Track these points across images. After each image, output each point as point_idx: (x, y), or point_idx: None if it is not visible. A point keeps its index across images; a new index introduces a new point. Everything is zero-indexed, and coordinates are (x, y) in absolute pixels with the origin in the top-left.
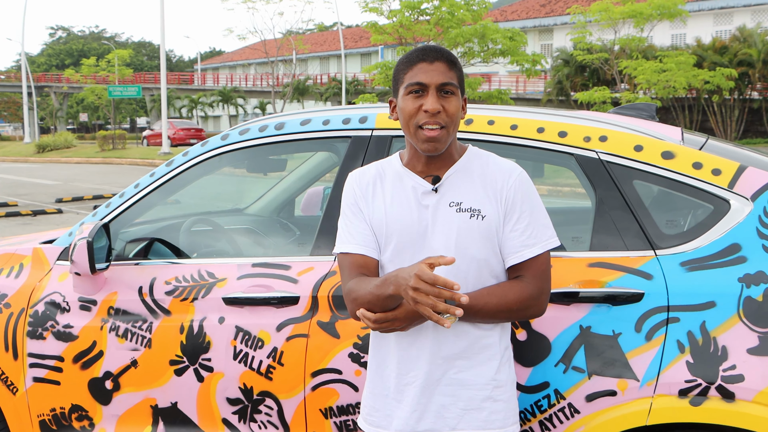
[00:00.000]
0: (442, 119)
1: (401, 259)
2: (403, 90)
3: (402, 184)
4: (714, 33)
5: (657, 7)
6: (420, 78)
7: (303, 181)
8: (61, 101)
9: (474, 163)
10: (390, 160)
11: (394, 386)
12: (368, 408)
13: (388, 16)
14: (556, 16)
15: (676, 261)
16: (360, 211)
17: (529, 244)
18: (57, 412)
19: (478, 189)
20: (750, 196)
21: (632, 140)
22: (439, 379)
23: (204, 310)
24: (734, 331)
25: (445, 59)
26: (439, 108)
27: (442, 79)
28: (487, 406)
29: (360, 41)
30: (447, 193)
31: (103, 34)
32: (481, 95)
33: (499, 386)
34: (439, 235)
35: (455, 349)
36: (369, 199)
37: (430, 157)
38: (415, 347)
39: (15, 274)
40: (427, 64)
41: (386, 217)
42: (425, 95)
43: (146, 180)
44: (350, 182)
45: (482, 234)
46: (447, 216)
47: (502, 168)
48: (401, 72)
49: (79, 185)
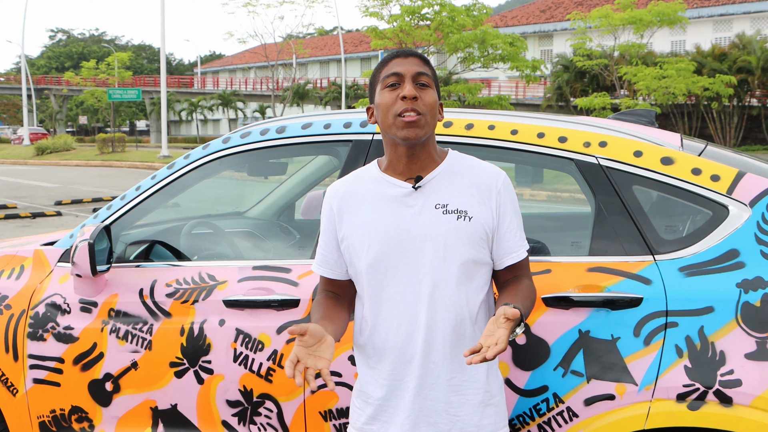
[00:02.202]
0: (419, 106)
1: (385, 266)
2: (380, 86)
3: (381, 191)
4: (713, 40)
5: (657, 13)
6: (395, 69)
7: (303, 185)
8: (60, 104)
9: (457, 164)
10: (368, 168)
11: (385, 393)
12: (359, 416)
13: (389, 21)
14: (556, 22)
15: (674, 266)
16: (331, 230)
17: (522, 243)
18: (57, 413)
19: (464, 191)
20: (748, 202)
21: (632, 146)
22: (432, 384)
23: (204, 313)
24: (732, 336)
25: (418, 56)
26: (416, 93)
27: (418, 69)
28: (479, 411)
29: (360, 46)
30: (432, 195)
31: (103, 36)
32: (480, 100)
33: (490, 390)
34: (426, 238)
35: (446, 354)
36: (345, 212)
37: (410, 156)
38: (407, 352)
39: (16, 276)
40: (402, 59)
41: (367, 226)
42: (402, 85)
43: (147, 182)
44: (327, 197)
45: (470, 235)
46: (433, 218)
47: (488, 170)
48: (377, 73)
49: (78, 188)
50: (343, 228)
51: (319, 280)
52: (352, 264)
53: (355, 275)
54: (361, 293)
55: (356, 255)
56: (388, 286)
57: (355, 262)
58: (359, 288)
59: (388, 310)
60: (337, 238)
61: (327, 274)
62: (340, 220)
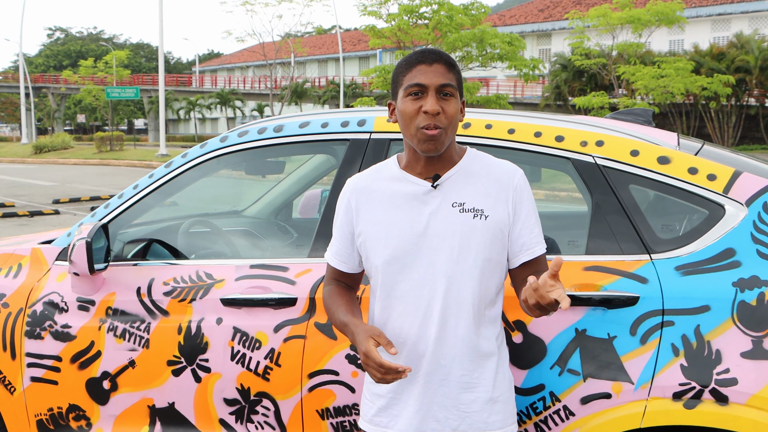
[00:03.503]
0: (441, 121)
1: (401, 263)
2: (402, 92)
3: (400, 188)
4: (712, 39)
5: (655, 13)
6: (419, 79)
7: (301, 184)
8: (58, 102)
9: (474, 164)
10: (387, 164)
11: (396, 387)
12: (370, 408)
13: (387, 20)
14: (555, 21)
15: (671, 265)
16: (347, 223)
17: (539, 241)
18: (54, 411)
19: (481, 189)
20: (745, 201)
21: (628, 145)
22: (442, 380)
23: (202, 311)
24: (728, 335)
25: (443, 61)
26: (439, 109)
27: (441, 81)
28: (487, 408)
29: (358, 44)
30: (449, 194)
31: (101, 35)
32: (479, 100)
33: (499, 388)
34: (443, 236)
35: (456, 352)
36: (363, 208)
37: (429, 159)
38: (419, 348)
39: (13, 274)
40: (426, 66)
41: (384, 222)
42: (425, 97)
43: (145, 181)
44: (345, 191)
45: (486, 234)
46: (450, 217)
47: (505, 168)
48: (400, 74)
49: (76, 186)
50: (360, 224)
51: (326, 271)
52: (368, 259)
53: (370, 270)
54: (375, 288)
55: (373, 251)
56: (403, 282)
57: (372, 257)
58: (373, 283)
59: (402, 305)
60: (353, 232)
61: (341, 267)
62: (357, 216)
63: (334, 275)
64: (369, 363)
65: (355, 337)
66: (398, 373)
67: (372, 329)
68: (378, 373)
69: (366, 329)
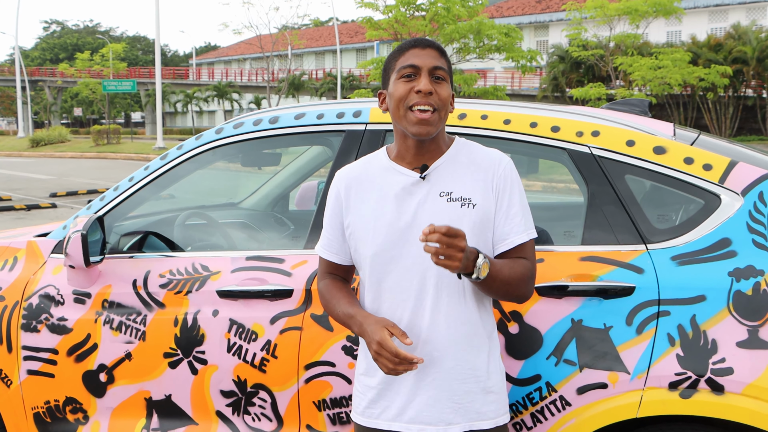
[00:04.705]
0: (435, 101)
1: (390, 254)
2: (395, 75)
3: (389, 179)
4: (709, 30)
5: (652, 4)
6: (412, 61)
7: (297, 176)
8: (55, 95)
9: (462, 152)
10: (377, 155)
11: (388, 379)
12: (362, 400)
13: (384, 12)
14: (552, 13)
15: (667, 255)
16: (337, 215)
17: (523, 228)
18: (51, 404)
19: (468, 178)
20: (740, 191)
21: (624, 135)
22: (434, 371)
23: (198, 303)
24: (724, 324)
25: (436, 48)
26: (432, 89)
27: (435, 63)
28: (480, 398)
29: (355, 37)
30: (437, 183)
31: (97, 28)
32: (476, 91)
33: (491, 378)
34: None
35: (448, 342)
36: (352, 200)
37: (419, 147)
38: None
39: (9, 267)
40: (419, 50)
41: (372, 213)
42: (418, 78)
43: (141, 173)
44: (335, 182)
45: (474, 223)
46: (437, 206)
47: (491, 156)
48: (393, 60)
49: (73, 180)
50: (350, 215)
51: (318, 265)
52: (357, 251)
53: (359, 262)
54: (364, 280)
55: (362, 243)
56: (393, 274)
57: (360, 249)
58: (362, 274)
59: (392, 297)
60: (342, 224)
61: (332, 258)
62: (347, 207)
63: (327, 269)
64: (383, 353)
65: (363, 327)
66: (411, 363)
67: (384, 320)
68: (391, 363)
69: (377, 320)
